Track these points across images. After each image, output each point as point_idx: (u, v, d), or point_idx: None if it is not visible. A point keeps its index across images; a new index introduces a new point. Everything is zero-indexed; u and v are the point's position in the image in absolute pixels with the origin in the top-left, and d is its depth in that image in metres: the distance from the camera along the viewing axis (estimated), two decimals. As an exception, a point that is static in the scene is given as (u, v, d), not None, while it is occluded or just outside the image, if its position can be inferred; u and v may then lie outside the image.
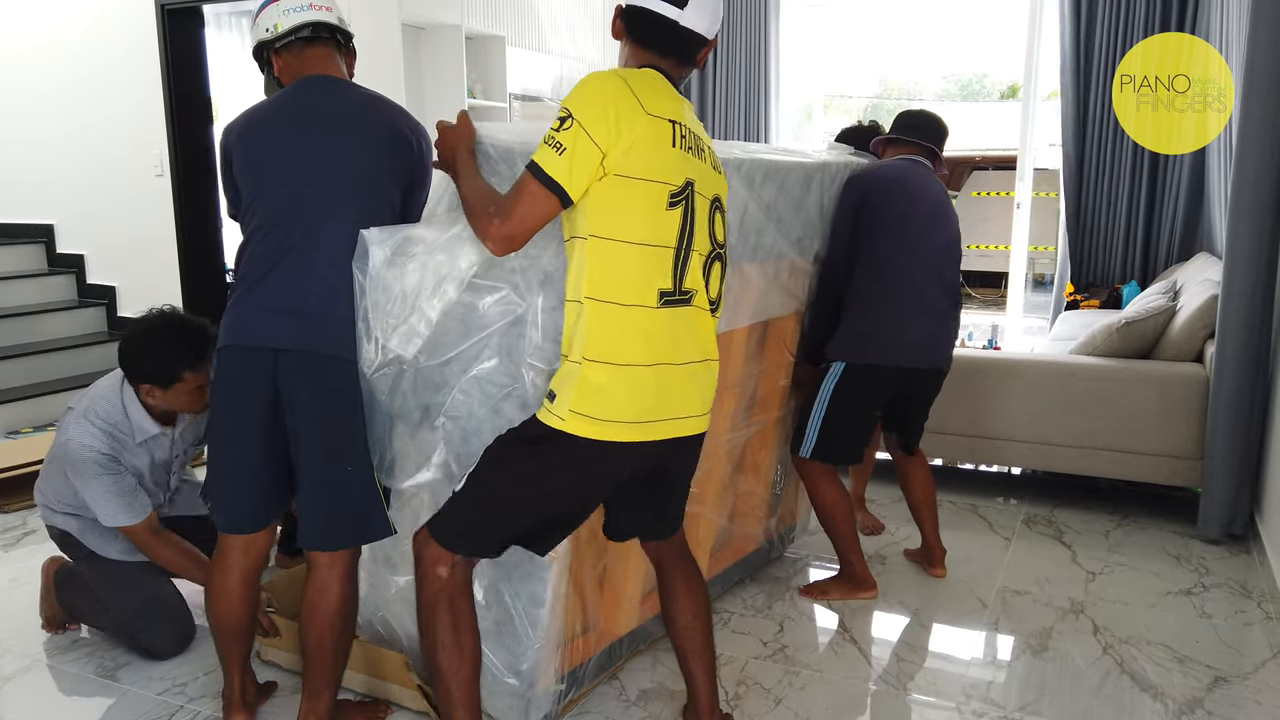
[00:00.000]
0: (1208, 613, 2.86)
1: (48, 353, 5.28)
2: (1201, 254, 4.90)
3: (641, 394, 1.74)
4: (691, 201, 1.76)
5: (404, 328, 1.95)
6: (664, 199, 1.72)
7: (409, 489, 2.13)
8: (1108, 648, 2.65)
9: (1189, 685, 2.45)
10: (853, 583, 2.93)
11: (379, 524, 2.06)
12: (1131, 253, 5.58)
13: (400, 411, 2.07)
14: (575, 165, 1.67)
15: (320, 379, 1.95)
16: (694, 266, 1.78)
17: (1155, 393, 3.55)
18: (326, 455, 1.97)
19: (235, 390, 2.00)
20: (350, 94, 2.11)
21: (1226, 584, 3.06)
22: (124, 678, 2.51)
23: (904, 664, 2.60)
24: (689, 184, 1.75)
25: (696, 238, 1.77)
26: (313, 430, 1.96)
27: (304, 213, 1.97)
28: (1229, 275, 3.21)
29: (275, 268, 1.97)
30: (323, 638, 2.02)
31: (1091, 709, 2.36)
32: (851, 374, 2.78)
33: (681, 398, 1.80)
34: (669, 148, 1.73)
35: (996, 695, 2.43)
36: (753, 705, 2.36)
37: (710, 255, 1.84)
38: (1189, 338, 3.61)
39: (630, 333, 1.72)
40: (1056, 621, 2.81)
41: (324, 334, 1.95)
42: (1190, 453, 3.51)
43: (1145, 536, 3.48)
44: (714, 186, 1.85)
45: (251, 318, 1.97)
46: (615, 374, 1.72)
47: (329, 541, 2.01)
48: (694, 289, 1.79)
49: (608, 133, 1.67)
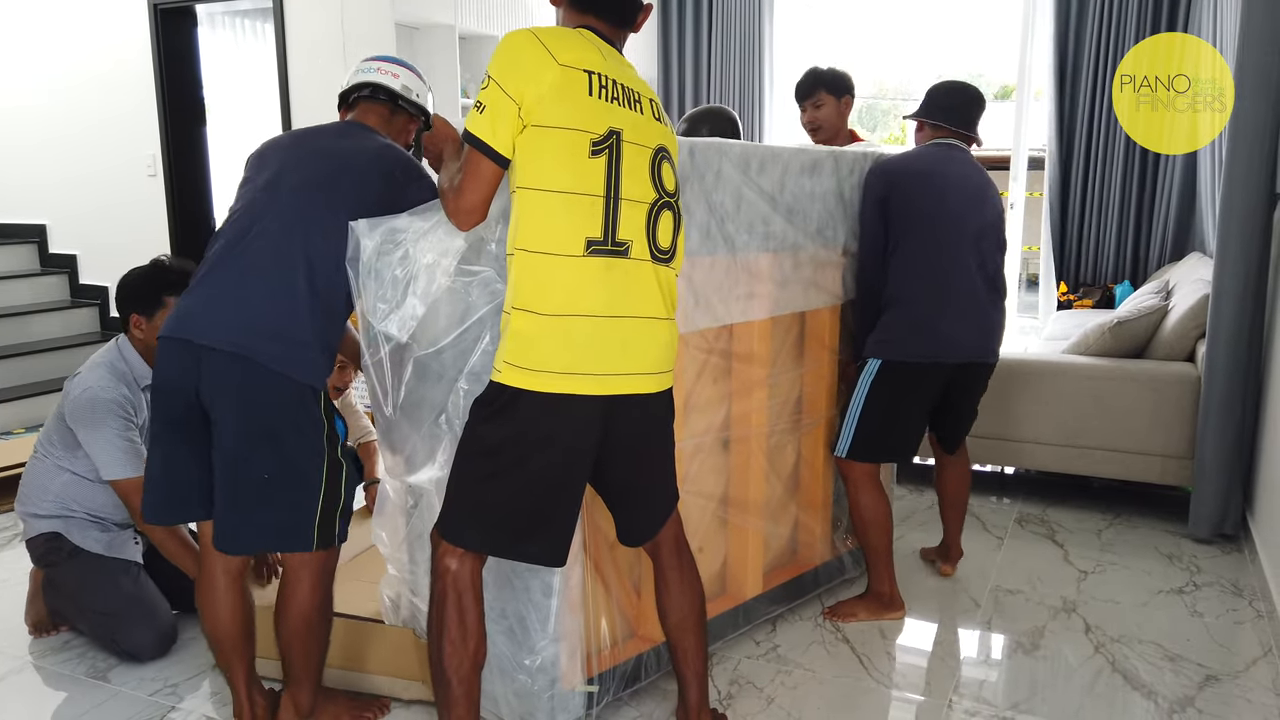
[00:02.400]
0: (1199, 611, 2.87)
1: (40, 353, 5.27)
2: (1194, 254, 4.91)
3: (571, 344, 1.73)
4: (618, 150, 1.75)
5: (398, 314, 1.99)
6: (585, 147, 1.72)
7: (420, 484, 2.14)
8: (1099, 646, 2.66)
9: (1180, 684, 2.46)
10: (880, 602, 2.81)
11: (296, 538, 2.01)
12: (1124, 253, 5.59)
13: (405, 406, 2.09)
14: (496, 121, 1.72)
15: (248, 387, 1.93)
16: (629, 216, 1.77)
17: (1147, 392, 3.55)
18: (243, 462, 1.95)
19: (158, 384, 2.00)
20: (360, 140, 2.15)
21: (1218, 583, 3.07)
22: (115, 679, 2.50)
23: (896, 663, 2.60)
24: (613, 133, 1.75)
25: (627, 186, 1.76)
26: (230, 436, 1.94)
27: (266, 221, 1.99)
28: (1219, 275, 3.22)
29: (219, 266, 1.98)
30: (295, 634, 2.06)
31: (1083, 708, 2.36)
32: (887, 371, 2.68)
33: (625, 353, 1.78)
34: (585, 96, 1.74)
35: (989, 694, 2.43)
36: (745, 705, 2.36)
37: (655, 205, 1.82)
38: (1181, 337, 3.62)
39: (556, 282, 1.72)
40: (1049, 620, 2.81)
41: (260, 340, 1.92)
42: (1182, 452, 3.52)
43: (1137, 535, 3.49)
44: (654, 138, 1.84)
45: (183, 313, 1.98)
46: (542, 323, 1.72)
47: (233, 545, 2.01)
48: (629, 239, 1.77)
49: (519, 84, 1.71)
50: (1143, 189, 5.47)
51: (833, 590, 2.98)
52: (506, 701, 2.16)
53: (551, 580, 2.06)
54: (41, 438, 2.69)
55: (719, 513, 2.55)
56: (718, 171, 2.32)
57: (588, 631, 2.18)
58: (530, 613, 2.09)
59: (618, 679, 2.28)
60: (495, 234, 1.95)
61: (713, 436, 2.50)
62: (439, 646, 1.87)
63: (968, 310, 2.71)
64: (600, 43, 1.83)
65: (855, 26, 7.31)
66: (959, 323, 2.69)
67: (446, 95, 5.15)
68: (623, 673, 2.29)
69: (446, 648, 1.86)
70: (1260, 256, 3.18)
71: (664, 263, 1.84)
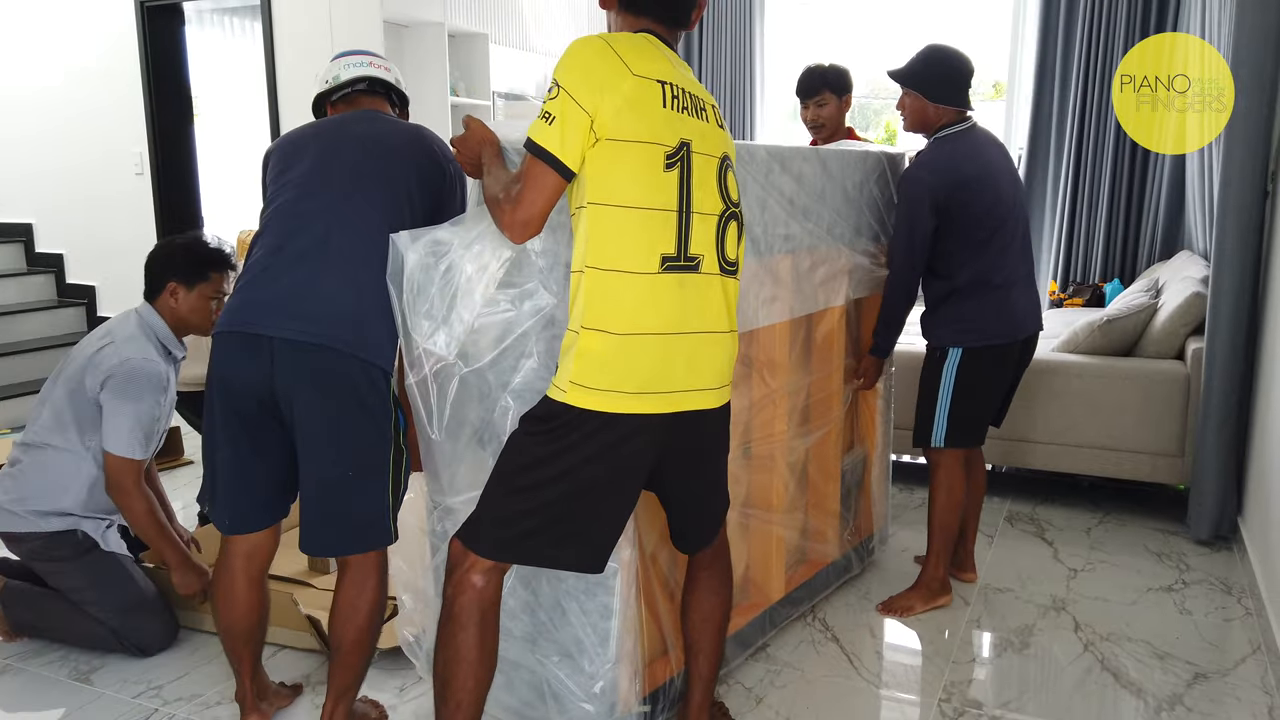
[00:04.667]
0: (1188, 609, 2.87)
1: (26, 353, 5.23)
2: (1183, 252, 4.91)
3: (643, 363, 1.68)
4: (689, 162, 1.70)
5: (443, 330, 1.92)
6: (659, 160, 1.67)
7: (460, 505, 2.07)
8: (1089, 645, 2.65)
9: (1169, 682, 2.45)
10: (932, 590, 2.86)
11: (378, 532, 2.01)
12: (1113, 252, 5.60)
13: (450, 426, 2.02)
14: (566, 133, 1.64)
15: (323, 373, 1.90)
16: (700, 229, 1.72)
17: (1137, 390, 3.55)
18: (328, 458, 1.93)
19: (225, 381, 1.96)
20: (393, 124, 2.15)
21: (1207, 580, 3.07)
22: (98, 681, 2.48)
23: (885, 662, 2.59)
24: (684, 144, 1.70)
25: (699, 199, 1.71)
26: (313, 429, 1.92)
27: (322, 211, 1.97)
28: (1217, 275, 3.21)
29: (277, 261, 1.95)
30: (360, 639, 2.02)
31: (1072, 706, 2.36)
32: (971, 357, 2.73)
33: (690, 369, 1.73)
34: (659, 108, 1.68)
35: (978, 693, 2.42)
36: (734, 704, 2.35)
37: (724, 216, 1.77)
38: (1170, 335, 3.62)
39: (632, 300, 1.67)
40: (1038, 619, 2.81)
41: (332, 328, 1.90)
42: (1172, 450, 3.52)
43: (1126, 533, 3.48)
44: (719, 146, 1.79)
45: (248, 306, 1.95)
46: (614, 342, 1.66)
47: (325, 547, 2.00)
48: (701, 254, 1.72)
49: (593, 96, 1.64)
50: (1131, 188, 5.48)
51: (839, 590, 2.97)
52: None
53: (610, 602, 1.99)
54: (42, 425, 2.56)
55: (740, 519, 2.52)
56: (744, 176, 2.30)
57: (641, 650, 2.12)
58: (588, 636, 2.02)
59: (668, 696, 2.23)
60: (538, 246, 1.89)
61: (735, 443, 2.44)
62: (454, 670, 1.77)
63: (1027, 285, 2.82)
64: (666, 50, 1.78)
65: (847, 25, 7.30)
66: (1023, 298, 2.79)
67: (436, 94, 5.13)
68: (668, 689, 2.24)
69: (462, 670, 1.76)
70: (1256, 254, 3.17)
71: (731, 274, 1.79)
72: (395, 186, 2.02)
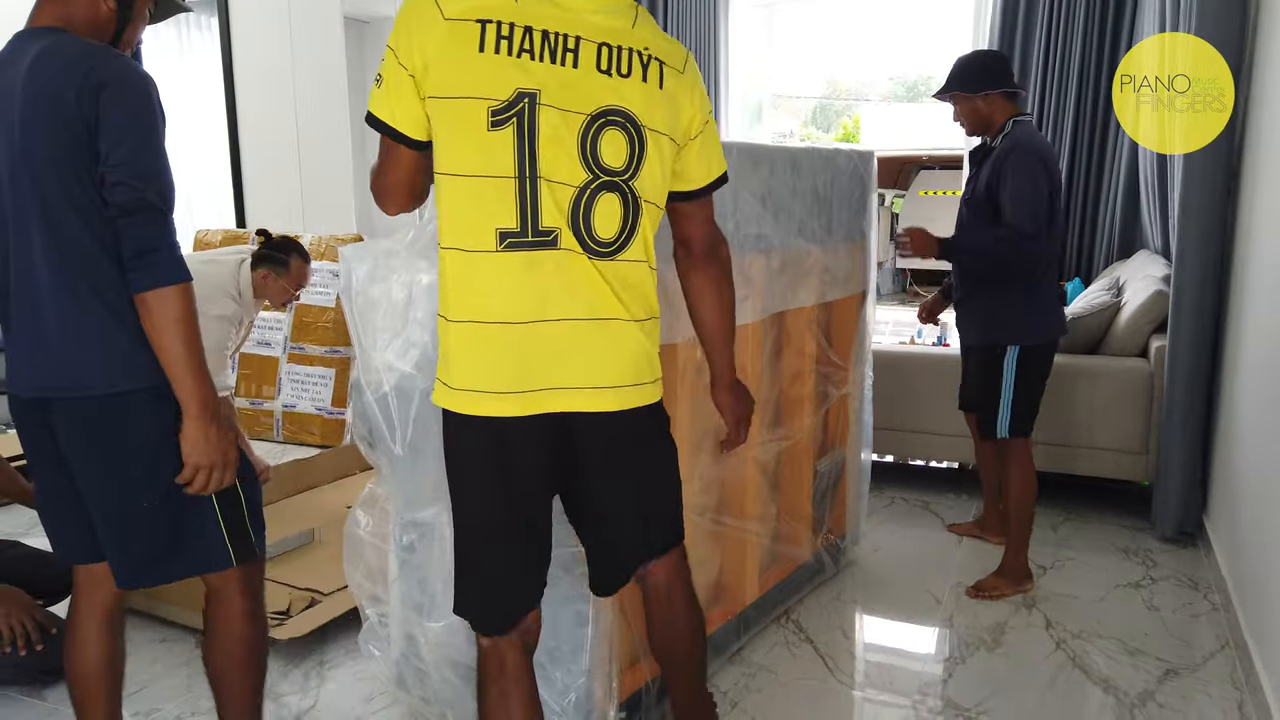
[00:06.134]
0: (1156, 606, 2.89)
1: None
2: (1142, 251, 4.98)
3: (495, 356, 1.46)
4: (531, 118, 1.41)
5: (399, 341, 1.86)
6: (483, 117, 1.40)
7: (428, 519, 2.03)
8: (1060, 642, 2.66)
9: (1140, 678, 2.47)
10: (1016, 576, 2.98)
11: (202, 556, 1.70)
12: (1072, 251, 5.67)
13: (413, 440, 1.96)
14: (392, 96, 1.46)
15: (85, 423, 1.62)
16: (551, 200, 1.43)
17: (1103, 388, 3.58)
18: (113, 495, 1.65)
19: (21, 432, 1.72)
20: (30, 49, 1.57)
21: (1174, 577, 3.10)
22: (51, 696, 2.39)
23: (859, 663, 2.58)
24: (523, 96, 1.40)
25: (547, 163, 1.42)
26: (84, 469, 1.65)
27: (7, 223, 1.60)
28: (1179, 274, 3.24)
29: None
30: (229, 666, 1.79)
31: (1046, 704, 2.36)
32: (1028, 353, 2.87)
33: (560, 363, 1.47)
34: (476, 53, 1.40)
35: (952, 692, 2.42)
36: (708, 709, 2.32)
37: (588, 186, 1.45)
38: (1134, 333, 3.65)
39: (473, 283, 1.45)
40: (1010, 616, 2.81)
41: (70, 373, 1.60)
42: (1135, 447, 3.55)
43: (1092, 530, 3.51)
44: (597, 97, 1.45)
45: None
46: (463, 333, 1.47)
47: (139, 578, 1.70)
48: (556, 228, 1.44)
49: (409, 49, 1.43)
50: (1088, 190, 5.56)
51: (813, 592, 2.95)
52: None
53: (585, 609, 1.94)
54: None
55: (712, 524, 2.49)
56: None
57: (615, 658, 2.07)
58: (561, 645, 1.97)
59: (648, 698, 2.18)
60: None
61: (709, 444, 2.42)
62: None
63: (1058, 284, 3.08)
64: None
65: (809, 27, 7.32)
66: (1060, 296, 3.04)
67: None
68: (647, 693, 2.18)
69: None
70: (1219, 252, 3.21)
71: (604, 256, 1.48)
72: (49, 178, 1.59)
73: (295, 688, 2.43)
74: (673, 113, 1.53)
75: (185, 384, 1.57)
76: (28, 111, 1.52)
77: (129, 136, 1.53)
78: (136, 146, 1.54)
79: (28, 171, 1.53)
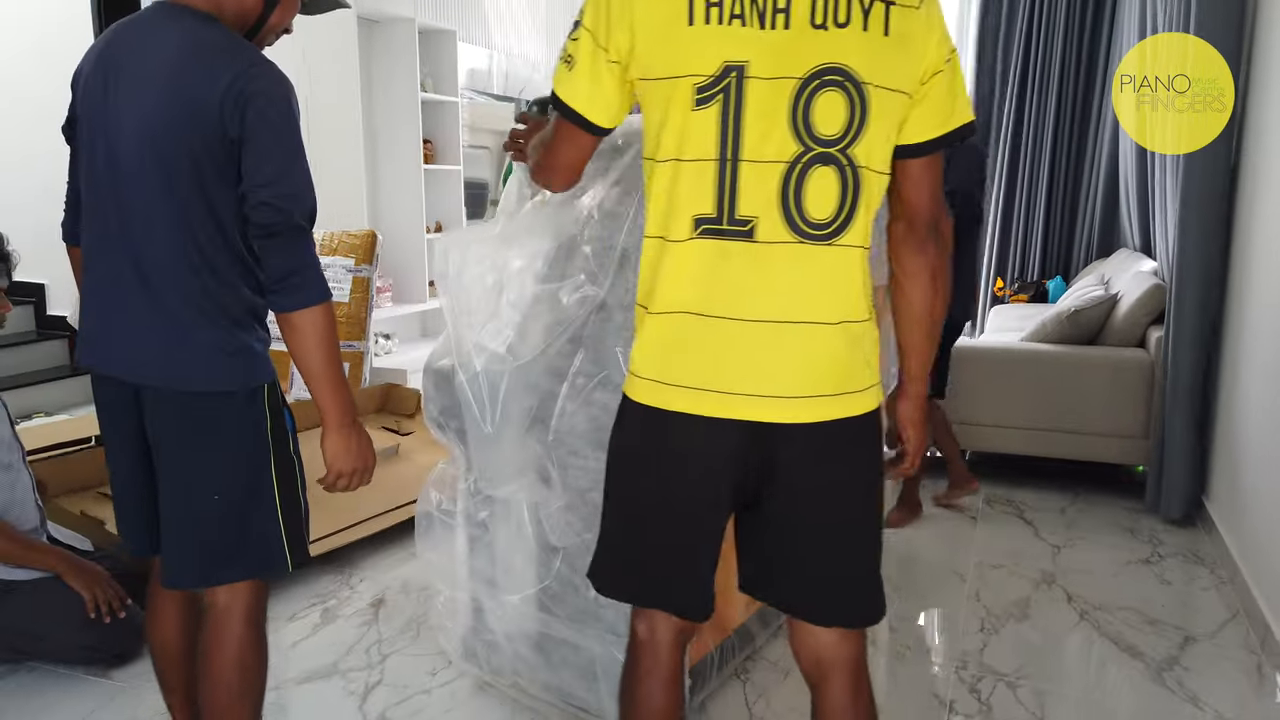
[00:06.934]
0: (1167, 580, 3.04)
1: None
2: (1122, 249, 5.19)
3: (685, 349, 1.33)
4: (738, 93, 1.27)
5: (492, 324, 1.93)
6: (688, 97, 1.28)
7: (503, 495, 2.09)
8: (1084, 614, 2.80)
9: (1163, 644, 2.61)
10: (961, 480, 3.70)
11: (262, 558, 1.69)
12: (1053, 250, 5.88)
13: (502, 419, 2.03)
14: (585, 81, 1.35)
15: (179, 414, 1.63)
16: (752, 182, 1.28)
17: (1106, 377, 3.75)
18: (184, 485, 1.65)
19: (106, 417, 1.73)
20: (171, 35, 1.55)
21: (1180, 554, 3.26)
22: (118, 675, 2.42)
23: (897, 634, 2.70)
24: (731, 70, 1.26)
25: (752, 141, 1.28)
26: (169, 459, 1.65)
27: (120, 207, 1.58)
28: (1181, 266, 3.39)
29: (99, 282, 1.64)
30: (217, 695, 1.69)
31: (1080, 669, 2.49)
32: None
33: (756, 369, 1.31)
34: (685, 27, 1.27)
35: (990, 660, 2.54)
36: (761, 679, 2.42)
37: (799, 159, 1.29)
38: (1132, 325, 3.83)
39: (667, 272, 1.34)
40: (1032, 591, 2.95)
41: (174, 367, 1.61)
42: (1137, 432, 3.72)
43: (1097, 512, 3.67)
44: (810, 57, 1.27)
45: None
46: (655, 323, 1.36)
47: (190, 577, 1.69)
48: (755, 216, 1.29)
49: (608, 29, 1.31)
50: (1068, 190, 5.78)
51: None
52: (610, 704, 2.09)
53: None
54: None
55: None
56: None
57: None
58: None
59: (707, 672, 2.26)
60: (587, 233, 1.89)
61: None
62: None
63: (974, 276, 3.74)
64: None
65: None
66: (971, 292, 3.76)
67: (406, 89, 5.11)
68: (708, 665, 2.26)
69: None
70: (1221, 244, 3.37)
71: (818, 240, 1.31)
72: (179, 171, 1.58)
73: (360, 664, 2.49)
74: (904, 59, 1.32)
75: (326, 397, 1.60)
76: (168, 109, 1.50)
77: (274, 156, 1.51)
78: (282, 167, 1.51)
79: (158, 160, 1.51)
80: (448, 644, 2.40)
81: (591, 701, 2.17)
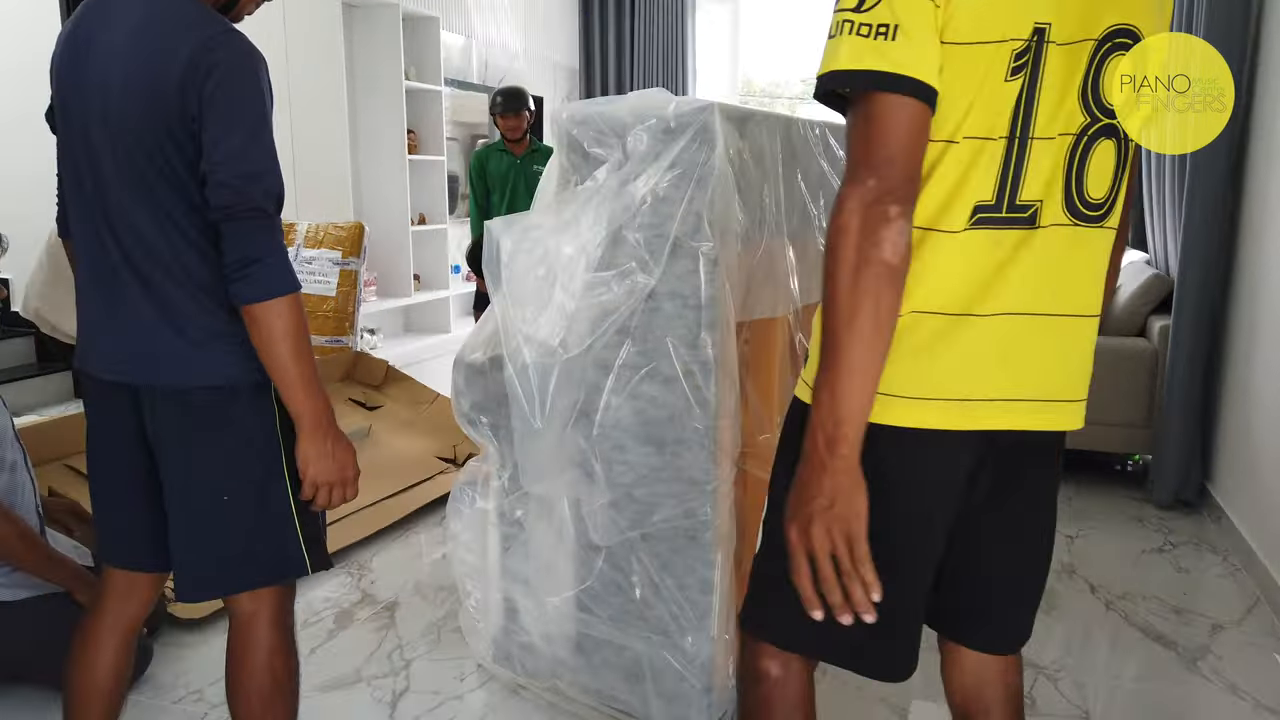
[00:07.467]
0: (1184, 568, 3.06)
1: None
2: (1112, 241, 5.25)
3: (946, 354, 1.14)
4: (1038, 60, 1.10)
5: (544, 316, 1.86)
6: (1006, 67, 1.09)
7: (541, 492, 2.02)
8: (1109, 604, 2.79)
9: (1193, 633, 2.61)
10: None
11: (278, 562, 1.58)
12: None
13: (549, 413, 1.95)
14: (920, 44, 1.05)
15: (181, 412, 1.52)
16: (1040, 163, 1.12)
17: (1108, 366, 3.75)
18: (191, 487, 1.54)
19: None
20: (136, 8, 1.43)
21: (1191, 542, 3.28)
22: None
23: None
24: (1038, 33, 1.09)
25: (1045, 116, 1.12)
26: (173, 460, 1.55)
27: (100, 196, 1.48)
28: (1185, 259, 3.42)
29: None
30: (250, 704, 1.60)
31: (1115, 659, 2.49)
32: None
33: (1035, 369, 1.17)
34: None
35: (1027, 653, 2.49)
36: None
37: (1086, 132, 1.15)
38: (1132, 314, 3.85)
39: (936, 268, 1.13)
40: (1054, 582, 2.94)
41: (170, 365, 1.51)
42: (1139, 421, 3.74)
43: (1102, 502, 3.68)
44: (1106, 14, 1.13)
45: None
46: (923, 326, 1.14)
47: (205, 588, 1.60)
48: (1037, 201, 1.13)
49: None
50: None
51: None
52: (656, 706, 2.05)
53: (710, 576, 1.95)
54: None
55: None
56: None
57: (731, 620, 2.06)
58: (685, 613, 1.99)
59: None
60: (638, 221, 1.82)
61: None
62: None
63: None
64: None
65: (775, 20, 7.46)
66: None
67: (390, 76, 4.98)
68: None
69: None
70: (1225, 234, 3.40)
71: (1096, 222, 1.17)
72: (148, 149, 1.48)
73: (383, 670, 2.40)
74: (1164, 16, 1.21)
75: (296, 398, 1.45)
76: (132, 98, 1.38)
77: (234, 131, 1.36)
78: (242, 143, 1.37)
79: (129, 151, 1.40)
80: (478, 646, 2.32)
81: (635, 704, 2.11)
